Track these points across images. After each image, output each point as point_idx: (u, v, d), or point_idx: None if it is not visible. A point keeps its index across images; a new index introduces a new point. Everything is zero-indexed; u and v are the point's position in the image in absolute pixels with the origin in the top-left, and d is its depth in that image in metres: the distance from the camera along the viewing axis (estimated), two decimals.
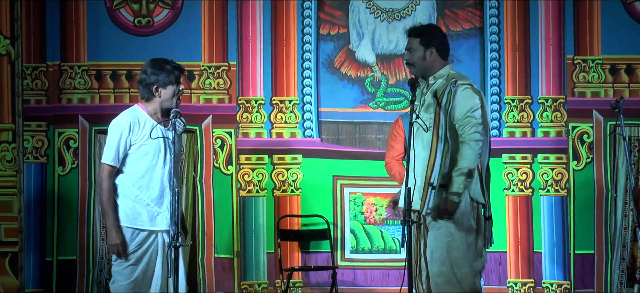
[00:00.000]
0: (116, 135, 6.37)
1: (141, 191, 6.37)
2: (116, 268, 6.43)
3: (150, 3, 8.80)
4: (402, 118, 7.36)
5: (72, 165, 8.67)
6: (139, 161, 6.39)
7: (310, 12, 8.87)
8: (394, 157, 7.34)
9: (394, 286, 8.56)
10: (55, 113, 8.68)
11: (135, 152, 6.38)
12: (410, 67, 6.52)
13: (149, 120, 6.40)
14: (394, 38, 8.87)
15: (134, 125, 6.38)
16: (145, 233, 6.36)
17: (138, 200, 6.37)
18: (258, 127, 8.80)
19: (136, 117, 6.39)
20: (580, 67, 8.73)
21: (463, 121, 6.29)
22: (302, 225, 8.87)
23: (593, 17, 8.75)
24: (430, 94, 6.47)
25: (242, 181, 8.75)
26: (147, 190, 6.38)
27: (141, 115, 6.42)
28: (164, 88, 6.36)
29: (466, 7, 8.86)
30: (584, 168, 8.71)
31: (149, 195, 6.36)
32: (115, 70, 8.74)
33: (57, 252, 8.64)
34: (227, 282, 8.72)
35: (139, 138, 6.35)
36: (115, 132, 6.38)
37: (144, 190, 6.38)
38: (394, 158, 7.34)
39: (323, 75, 8.91)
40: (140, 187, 6.38)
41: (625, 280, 8.66)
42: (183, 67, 6.52)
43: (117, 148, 6.36)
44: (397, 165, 7.31)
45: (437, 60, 6.48)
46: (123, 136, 6.37)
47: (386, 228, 8.84)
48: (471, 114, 6.29)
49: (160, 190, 6.35)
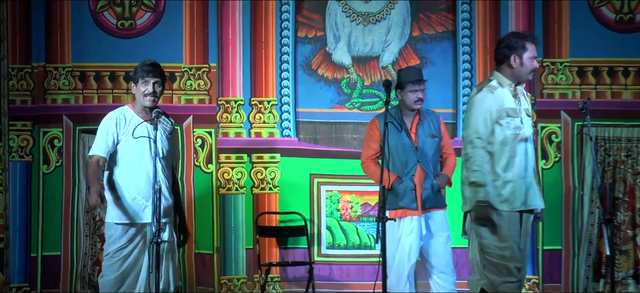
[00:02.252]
0: (103, 130, 6.50)
1: (128, 185, 6.49)
2: (106, 263, 6.52)
3: (133, 6, 8.78)
4: (378, 118, 7.36)
5: (56, 163, 8.65)
6: (124, 157, 6.50)
7: (288, 15, 8.84)
8: (369, 156, 7.37)
9: (368, 280, 8.51)
10: (40, 113, 8.67)
11: (122, 148, 6.49)
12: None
13: (135, 117, 6.51)
14: (370, 40, 8.88)
15: (120, 122, 6.49)
16: (134, 228, 6.46)
17: (126, 194, 6.48)
18: (237, 126, 8.76)
19: (123, 115, 6.52)
20: (548, 69, 8.74)
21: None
22: (280, 222, 8.83)
23: (561, 21, 8.76)
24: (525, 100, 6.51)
25: (221, 179, 8.72)
26: (134, 184, 6.48)
27: (128, 113, 6.53)
28: (136, 84, 6.53)
29: (439, 11, 8.87)
30: (552, 167, 8.72)
31: (135, 188, 6.47)
32: (99, 72, 8.73)
33: (42, 248, 8.62)
34: (207, 277, 8.72)
35: (123, 134, 6.47)
36: (103, 127, 6.51)
37: (131, 184, 6.48)
38: (369, 158, 7.37)
39: (301, 76, 8.88)
40: (127, 181, 6.50)
41: (591, 275, 8.68)
42: (157, 68, 6.58)
43: (105, 140, 6.48)
44: (372, 164, 7.34)
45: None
46: (110, 130, 6.48)
47: (361, 224, 8.83)
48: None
49: (147, 184, 6.41)
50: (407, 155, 7.27)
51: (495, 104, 6.35)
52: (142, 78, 6.52)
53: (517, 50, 6.35)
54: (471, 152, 6.26)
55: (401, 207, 7.23)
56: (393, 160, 7.30)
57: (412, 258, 7.22)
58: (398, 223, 7.22)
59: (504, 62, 6.38)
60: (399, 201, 7.24)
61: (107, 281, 6.55)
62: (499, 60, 6.42)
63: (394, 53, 8.89)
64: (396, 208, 7.24)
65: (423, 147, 7.29)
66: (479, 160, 6.24)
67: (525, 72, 6.43)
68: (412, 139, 7.29)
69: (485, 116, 6.31)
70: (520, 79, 6.40)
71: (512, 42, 6.40)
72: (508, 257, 6.32)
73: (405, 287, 7.25)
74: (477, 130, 6.29)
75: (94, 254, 8.67)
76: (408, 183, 7.24)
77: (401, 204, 7.23)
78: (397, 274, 7.23)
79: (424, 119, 7.37)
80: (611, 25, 8.77)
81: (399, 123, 7.29)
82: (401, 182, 7.24)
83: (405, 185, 7.24)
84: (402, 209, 7.23)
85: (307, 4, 8.90)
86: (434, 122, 7.42)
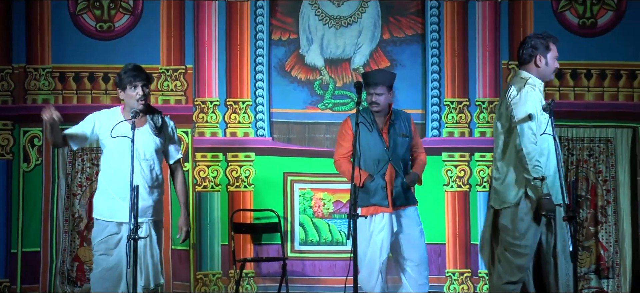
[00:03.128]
0: (87, 119, 6.59)
1: (109, 185, 6.52)
2: (95, 258, 6.56)
3: (112, 9, 8.76)
4: (351, 118, 7.33)
5: (36, 162, 8.64)
6: (106, 157, 6.56)
7: (262, 18, 8.83)
8: (342, 155, 7.36)
9: (340, 276, 8.51)
10: (20, 113, 8.65)
11: (103, 148, 6.56)
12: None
13: (119, 118, 6.51)
14: (342, 43, 8.90)
15: (103, 120, 6.55)
16: (113, 225, 6.47)
17: (106, 193, 6.52)
18: (213, 126, 8.78)
19: (108, 114, 6.57)
20: (514, 71, 8.50)
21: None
22: (254, 219, 8.81)
23: (526, 25, 8.78)
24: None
25: (198, 177, 8.74)
26: (114, 184, 6.49)
27: (114, 113, 6.57)
28: (123, 90, 6.51)
29: (409, 14, 8.88)
30: None
31: (114, 189, 6.48)
32: (78, 73, 8.71)
33: (22, 244, 8.60)
34: (183, 272, 8.70)
35: (103, 133, 6.51)
36: (86, 119, 6.60)
37: (111, 184, 6.51)
38: (342, 156, 7.36)
39: (275, 78, 8.87)
40: (108, 181, 6.53)
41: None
42: (142, 71, 6.55)
43: (78, 125, 6.57)
44: (345, 163, 7.34)
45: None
46: (89, 120, 6.57)
47: (333, 221, 8.84)
48: None
49: (125, 184, 6.32)
50: (379, 154, 7.25)
51: (539, 100, 6.35)
52: (130, 83, 6.51)
53: (542, 50, 6.40)
54: (528, 148, 6.21)
55: (373, 204, 7.19)
56: (365, 158, 7.24)
57: (384, 253, 7.20)
58: (370, 220, 7.20)
59: (529, 62, 6.40)
60: (370, 198, 7.20)
61: (94, 274, 6.57)
62: (524, 61, 6.42)
63: (365, 55, 8.90)
64: (368, 206, 7.20)
65: (394, 146, 7.26)
66: (537, 155, 6.20)
67: (550, 72, 6.46)
68: (384, 138, 7.27)
69: (534, 112, 6.29)
70: (544, 78, 6.44)
71: (537, 43, 6.41)
72: (525, 256, 6.32)
73: (377, 281, 7.26)
74: (530, 125, 6.26)
75: (73, 250, 8.67)
76: (379, 182, 7.22)
77: (373, 201, 7.19)
78: (369, 269, 7.22)
79: (395, 119, 7.34)
80: (574, 29, 8.80)
81: (371, 123, 7.28)
82: (372, 180, 7.22)
83: (377, 183, 7.22)
84: (373, 206, 7.19)
85: (280, 7, 8.87)
86: (405, 122, 7.39)
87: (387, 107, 7.34)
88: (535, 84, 6.37)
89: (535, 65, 6.41)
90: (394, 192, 7.24)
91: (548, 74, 6.47)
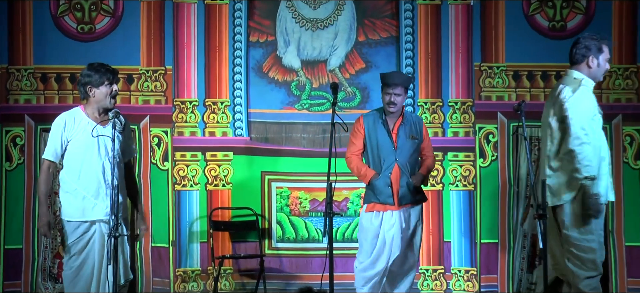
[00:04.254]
0: (54, 133, 6.48)
1: (78, 185, 6.43)
2: (65, 259, 6.51)
3: (93, 11, 8.74)
4: (364, 117, 7.46)
5: (18, 161, 8.62)
6: (74, 156, 6.45)
7: (240, 21, 8.84)
8: (353, 152, 7.46)
9: (316, 272, 8.53)
10: (2, 112, 8.63)
11: (71, 148, 6.46)
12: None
13: (85, 118, 6.46)
14: (318, 45, 8.93)
15: (69, 123, 6.45)
16: (85, 224, 6.41)
17: (76, 193, 6.43)
18: (192, 126, 8.79)
19: (73, 116, 6.48)
20: (486, 73, 8.83)
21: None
22: (232, 217, 8.81)
23: (498, 28, 8.83)
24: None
25: (177, 176, 8.75)
26: (84, 184, 6.42)
27: (78, 114, 6.49)
28: (97, 88, 6.42)
29: (383, 17, 8.91)
30: (489, 165, 8.81)
31: (84, 188, 6.42)
32: (60, 73, 8.69)
33: (4, 242, 8.58)
34: (163, 269, 8.69)
35: (73, 135, 6.43)
36: (54, 130, 6.49)
37: (81, 184, 6.43)
38: (353, 153, 7.46)
39: (252, 79, 8.87)
40: (77, 180, 6.44)
41: (525, 267, 8.76)
42: (116, 70, 6.52)
43: (55, 144, 6.45)
44: (356, 160, 7.44)
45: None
46: (60, 133, 6.45)
47: (310, 219, 8.88)
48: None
49: (97, 184, 6.37)
50: (387, 153, 7.35)
51: (593, 100, 6.40)
52: (108, 81, 6.45)
53: (595, 51, 6.40)
54: (580, 149, 6.23)
55: (380, 201, 7.31)
56: (373, 157, 7.39)
57: (395, 250, 7.32)
58: (378, 215, 7.31)
59: (582, 62, 6.41)
60: (376, 196, 7.32)
61: (65, 275, 6.53)
62: (577, 61, 6.44)
63: (340, 57, 8.93)
64: (374, 203, 7.33)
65: (402, 147, 7.35)
66: (589, 155, 6.23)
67: (601, 73, 6.47)
68: (393, 139, 7.35)
69: (588, 113, 6.32)
70: (595, 79, 6.45)
71: (590, 44, 6.41)
72: (595, 250, 6.35)
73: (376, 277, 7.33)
74: (583, 126, 6.27)
75: (54, 248, 8.63)
76: (385, 180, 7.32)
77: (380, 199, 7.31)
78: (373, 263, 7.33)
79: (406, 122, 7.41)
80: (544, 32, 8.84)
81: (382, 123, 7.38)
82: (379, 179, 7.33)
83: (383, 181, 7.32)
84: (380, 204, 7.31)
85: (258, 10, 8.88)
86: (416, 125, 7.48)
87: (400, 109, 7.42)
88: (588, 85, 6.41)
89: (587, 66, 6.43)
90: (399, 191, 7.32)
91: (599, 75, 6.47)
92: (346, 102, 8.96)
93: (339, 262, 8.46)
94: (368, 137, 7.36)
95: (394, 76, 7.48)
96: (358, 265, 7.44)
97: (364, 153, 7.44)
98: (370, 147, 7.39)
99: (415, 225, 7.44)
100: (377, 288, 7.42)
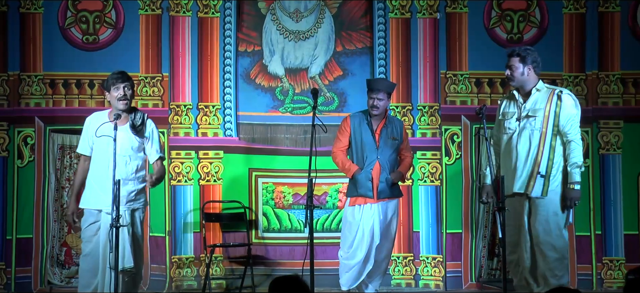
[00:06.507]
0: (83, 130, 6.91)
1: (92, 177, 6.86)
2: (82, 244, 6.87)
3: (97, 23, 8.87)
4: (350, 117, 7.70)
5: (29, 158, 8.79)
6: (93, 153, 6.89)
7: (230, 32, 8.96)
8: (339, 148, 7.69)
9: (298, 259, 8.55)
10: (15, 115, 8.79)
11: (93, 144, 6.87)
12: (510, 82, 6.93)
13: (105, 119, 6.77)
14: (300, 54, 9.08)
15: (94, 122, 6.83)
16: (95, 212, 6.75)
17: (90, 184, 6.84)
18: (186, 127, 8.95)
19: (97, 117, 6.85)
20: (451, 80, 9.01)
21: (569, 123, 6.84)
22: (223, 209, 8.93)
23: (462, 40, 8.98)
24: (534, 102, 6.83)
25: (173, 172, 8.91)
26: (95, 176, 6.83)
27: (102, 115, 6.85)
28: (108, 92, 6.83)
29: (359, 30, 9.09)
30: (454, 163, 9.01)
31: (95, 180, 6.83)
32: (67, 80, 8.86)
33: (16, 231, 8.74)
34: (160, 256, 8.84)
35: (94, 132, 6.81)
36: (84, 128, 6.90)
37: (93, 176, 6.85)
38: (339, 149, 7.69)
39: (241, 84, 9.02)
40: (92, 173, 6.88)
41: (486, 254, 8.99)
42: (125, 75, 6.81)
43: (84, 140, 6.86)
44: (341, 155, 7.69)
45: (532, 75, 6.92)
46: (86, 130, 6.87)
47: (292, 211, 9.02)
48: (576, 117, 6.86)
49: (105, 178, 6.69)
50: (369, 151, 7.57)
51: (503, 104, 7.07)
52: (113, 85, 6.76)
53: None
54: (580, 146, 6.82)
55: (361, 194, 7.53)
56: (357, 153, 7.60)
57: (376, 239, 7.54)
58: (359, 209, 7.54)
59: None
60: (358, 189, 7.55)
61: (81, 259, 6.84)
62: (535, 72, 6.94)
63: (320, 65, 9.13)
64: (356, 196, 7.55)
65: (383, 146, 7.57)
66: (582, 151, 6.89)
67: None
68: (376, 138, 7.58)
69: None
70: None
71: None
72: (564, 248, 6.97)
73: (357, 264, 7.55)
74: (578, 128, 6.91)
75: (62, 237, 8.83)
76: (367, 175, 7.55)
77: (360, 192, 7.53)
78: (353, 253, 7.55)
79: (389, 124, 7.65)
80: (503, 43, 8.99)
81: (367, 124, 7.61)
82: (361, 173, 7.55)
83: (365, 175, 7.55)
84: (361, 197, 7.54)
85: (246, 22, 8.97)
86: (398, 127, 7.71)
87: (384, 112, 7.65)
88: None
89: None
90: (379, 186, 7.56)
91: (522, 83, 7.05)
92: (325, 106, 9.17)
93: (319, 250, 8.54)
94: (353, 135, 7.54)
95: (378, 82, 7.72)
96: (343, 255, 7.68)
97: (349, 149, 7.61)
98: (355, 144, 7.62)
99: (391, 218, 7.69)
100: (358, 275, 7.64)
